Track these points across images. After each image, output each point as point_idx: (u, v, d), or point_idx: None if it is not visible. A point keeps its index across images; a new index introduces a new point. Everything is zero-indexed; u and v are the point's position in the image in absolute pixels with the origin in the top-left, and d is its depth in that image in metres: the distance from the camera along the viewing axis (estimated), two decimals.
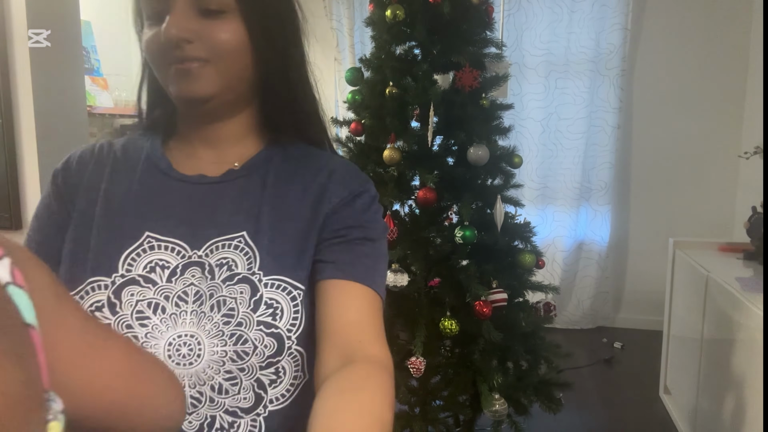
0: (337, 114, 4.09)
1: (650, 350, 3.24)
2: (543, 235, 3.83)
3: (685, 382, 2.43)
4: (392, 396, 0.60)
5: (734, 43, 3.54)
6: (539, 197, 3.87)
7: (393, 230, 1.77)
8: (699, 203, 3.71)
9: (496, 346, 1.82)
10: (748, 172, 3.46)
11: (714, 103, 3.62)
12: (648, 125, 3.76)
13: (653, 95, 3.72)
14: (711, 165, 3.67)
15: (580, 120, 3.73)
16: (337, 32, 4.01)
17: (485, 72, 1.96)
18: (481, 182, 1.96)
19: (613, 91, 3.65)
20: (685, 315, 2.50)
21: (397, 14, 1.82)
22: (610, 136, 3.69)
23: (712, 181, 3.68)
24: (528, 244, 2.00)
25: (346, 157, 2.01)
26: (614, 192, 3.77)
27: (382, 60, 1.91)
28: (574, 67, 3.70)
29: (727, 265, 2.29)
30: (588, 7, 3.62)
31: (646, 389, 2.90)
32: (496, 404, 1.74)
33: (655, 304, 3.30)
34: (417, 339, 1.74)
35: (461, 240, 1.79)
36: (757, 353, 1.68)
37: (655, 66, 3.69)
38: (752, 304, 1.76)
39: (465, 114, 1.86)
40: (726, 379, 1.96)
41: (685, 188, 3.73)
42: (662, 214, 3.78)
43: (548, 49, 3.72)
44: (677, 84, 3.66)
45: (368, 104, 1.91)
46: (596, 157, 3.76)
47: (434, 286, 1.90)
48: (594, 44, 3.65)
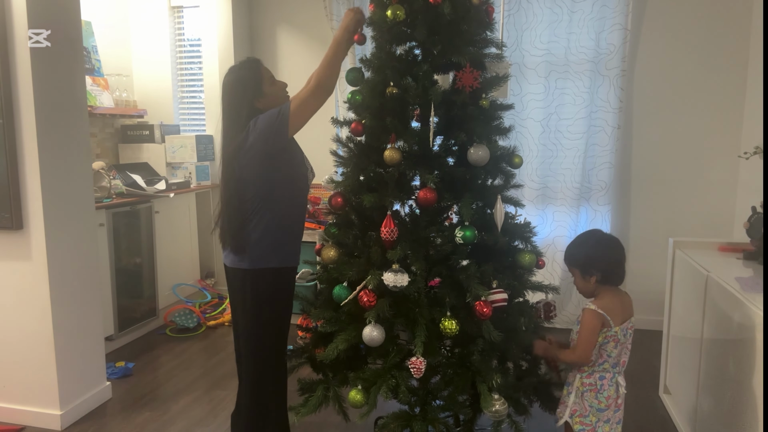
0: (338, 114, 4.10)
1: (650, 350, 3.24)
2: (543, 235, 3.84)
3: (685, 382, 2.43)
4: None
5: (734, 43, 3.54)
6: (539, 197, 3.87)
7: (393, 230, 1.77)
8: (699, 203, 3.72)
9: (495, 346, 1.82)
10: (748, 172, 3.46)
11: (714, 103, 3.62)
12: (648, 125, 3.76)
13: (653, 95, 3.72)
14: (711, 165, 3.67)
15: (580, 120, 3.73)
16: None
17: (485, 72, 1.96)
18: (482, 182, 1.96)
19: (613, 91, 3.65)
20: (685, 315, 2.50)
21: (398, 14, 1.83)
22: (610, 136, 3.70)
23: (712, 181, 3.68)
24: (528, 244, 2.01)
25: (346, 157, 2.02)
26: (614, 192, 3.77)
27: (382, 60, 1.91)
28: (574, 68, 3.71)
29: (727, 265, 2.29)
30: (588, 7, 3.63)
31: (646, 389, 2.91)
32: (496, 404, 1.74)
33: (655, 304, 3.30)
34: (417, 339, 1.74)
35: (461, 240, 1.79)
36: (757, 353, 1.68)
37: (655, 66, 3.69)
38: (752, 304, 1.76)
39: (465, 114, 1.86)
40: (726, 379, 1.96)
41: (685, 188, 3.74)
42: (662, 214, 3.79)
43: (548, 49, 3.72)
44: (677, 84, 3.67)
45: (369, 104, 1.92)
46: (596, 157, 3.76)
47: (434, 286, 1.91)
48: (594, 44, 3.65)
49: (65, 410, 2.57)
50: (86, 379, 2.72)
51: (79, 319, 2.65)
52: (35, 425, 2.56)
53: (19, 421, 2.58)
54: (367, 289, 1.77)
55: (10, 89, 2.36)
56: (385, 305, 1.75)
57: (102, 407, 2.76)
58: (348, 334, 1.84)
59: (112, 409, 2.75)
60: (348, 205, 1.98)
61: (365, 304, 1.75)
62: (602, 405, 1.81)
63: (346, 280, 1.86)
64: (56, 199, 2.49)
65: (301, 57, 4.28)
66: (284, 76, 4.32)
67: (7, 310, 2.54)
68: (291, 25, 4.28)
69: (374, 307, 1.74)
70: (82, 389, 2.68)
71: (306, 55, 4.26)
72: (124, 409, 2.73)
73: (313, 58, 4.25)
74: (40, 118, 2.39)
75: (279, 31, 4.32)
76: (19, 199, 2.43)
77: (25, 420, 2.58)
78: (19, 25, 2.33)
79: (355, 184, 1.96)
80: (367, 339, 1.74)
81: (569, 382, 1.86)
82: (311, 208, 3.99)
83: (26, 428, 2.56)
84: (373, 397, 1.78)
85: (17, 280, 2.50)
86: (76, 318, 2.63)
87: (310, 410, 1.95)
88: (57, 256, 2.50)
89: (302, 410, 1.97)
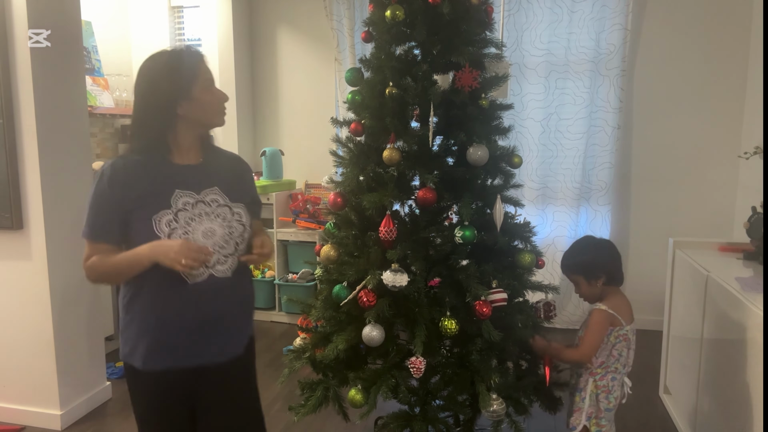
0: (338, 114, 4.10)
1: (650, 350, 3.24)
2: (543, 235, 3.84)
3: (685, 382, 2.43)
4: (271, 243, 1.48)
5: (734, 44, 3.54)
6: (539, 197, 3.87)
7: (392, 230, 1.77)
8: (699, 203, 3.71)
9: (495, 346, 1.82)
10: (748, 172, 3.46)
11: (714, 103, 3.62)
12: (648, 125, 3.76)
13: (653, 95, 3.72)
14: (711, 165, 3.67)
15: (580, 120, 3.73)
16: (337, 32, 4.02)
17: (485, 72, 1.96)
18: (481, 182, 1.96)
19: (613, 91, 3.65)
20: (685, 315, 2.50)
21: (397, 15, 1.82)
22: (610, 136, 3.70)
23: (712, 181, 3.68)
24: (528, 244, 2.01)
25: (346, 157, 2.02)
26: (614, 192, 3.77)
27: (382, 60, 1.91)
28: (574, 68, 3.71)
29: (727, 265, 2.29)
30: (588, 7, 3.63)
31: (646, 389, 2.91)
32: (494, 404, 1.74)
33: (655, 304, 3.30)
34: (417, 339, 1.74)
35: (461, 240, 1.79)
36: (757, 353, 1.68)
37: (655, 66, 3.69)
38: (752, 304, 1.76)
39: (465, 114, 1.86)
40: (726, 379, 1.96)
41: (685, 188, 3.74)
42: (662, 214, 3.79)
43: (548, 49, 3.72)
44: (677, 84, 3.67)
45: (368, 104, 1.91)
46: (596, 157, 3.76)
47: (434, 286, 1.90)
48: (594, 44, 3.65)
49: (65, 410, 2.57)
50: (86, 379, 2.72)
51: (79, 319, 2.65)
52: (35, 425, 2.56)
53: (19, 421, 2.59)
54: (366, 289, 1.77)
55: (10, 89, 2.36)
56: (384, 305, 1.75)
57: (102, 407, 2.76)
58: (348, 334, 1.84)
59: (112, 409, 2.75)
60: (348, 205, 1.97)
61: (365, 304, 1.75)
62: (610, 405, 1.84)
63: (346, 280, 1.86)
64: (56, 199, 2.49)
65: (301, 57, 4.28)
66: (284, 75, 4.32)
67: (7, 310, 2.54)
68: (291, 25, 4.28)
69: (374, 307, 1.75)
70: (82, 389, 2.68)
71: (306, 55, 4.26)
72: (124, 409, 2.73)
73: (313, 58, 4.25)
74: (40, 118, 2.39)
75: (279, 31, 4.32)
76: (19, 199, 2.43)
77: (25, 420, 2.58)
78: (19, 25, 2.33)
79: (354, 184, 1.96)
80: (366, 339, 1.74)
81: (580, 387, 1.88)
82: (311, 209, 3.99)
83: (26, 428, 2.56)
84: (373, 397, 1.78)
85: (17, 280, 2.50)
86: (76, 318, 2.63)
87: (310, 410, 1.95)
88: (57, 256, 2.50)
89: (302, 410, 1.97)
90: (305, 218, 3.95)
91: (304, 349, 2.14)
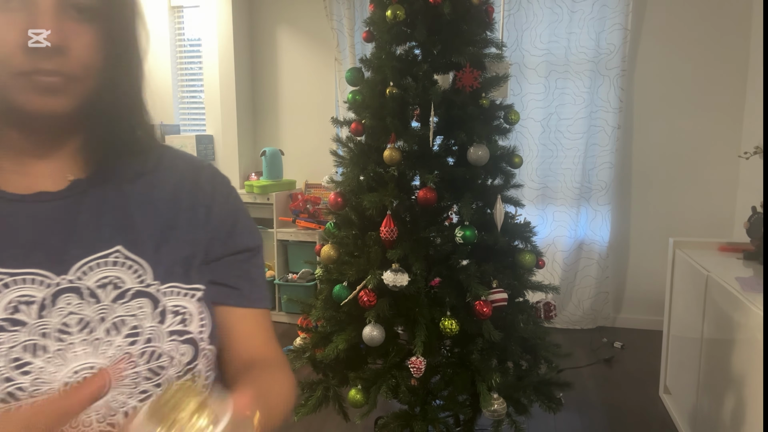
0: (338, 114, 4.10)
1: (650, 350, 3.24)
2: (543, 235, 3.83)
3: (685, 382, 2.43)
4: (294, 387, 0.72)
5: (734, 44, 3.54)
6: (539, 197, 3.87)
7: (393, 230, 1.77)
8: (699, 203, 3.71)
9: (495, 346, 1.82)
10: (748, 172, 3.46)
11: (714, 103, 3.62)
12: (648, 125, 3.76)
13: (653, 95, 3.72)
14: (711, 165, 3.67)
15: (580, 120, 3.73)
16: (337, 32, 4.02)
17: (485, 72, 1.96)
18: (482, 182, 1.96)
19: (613, 91, 3.65)
20: (685, 315, 2.50)
21: (398, 14, 1.83)
22: (610, 136, 3.70)
23: (712, 181, 3.68)
24: (528, 244, 2.01)
25: (346, 157, 2.01)
26: (614, 192, 3.77)
27: (382, 60, 1.91)
28: (574, 67, 3.71)
29: (727, 265, 2.29)
30: (588, 7, 3.63)
31: (646, 389, 2.91)
32: (495, 404, 1.74)
33: (655, 304, 3.31)
34: (417, 339, 1.74)
35: (461, 240, 1.79)
36: (757, 353, 1.68)
37: (655, 66, 3.69)
38: (752, 304, 1.76)
39: (465, 114, 1.86)
40: (726, 379, 1.96)
41: (685, 188, 3.74)
42: (662, 214, 3.79)
43: (548, 49, 3.72)
44: (677, 84, 3.67)
45: (368, 104, 1.92)
46: (596, 157, 3.76)
47: (434, 286, 1.91)
48: (594, 44, 3.65)
49: None
50: None
51: None
52: None
53: None
54: (367, 288, 1.77)
55: None
56: (385, 305, 1.75)
57: None
58: (348, 334, 1.84)
59: None
60: (348, 204, 1.98)
61: (365, 303, 1.75)
62: None
63: (346, 280, 1.86)
64: None
65: (301, 57, 4.28)
66: (284, 75, 4.32)
67: None
68: (291, 25, 4.28)
69: (374, 307, 1.75)
70: None
71: (306, 55, 4.26)
72: None
73: (313, 58, 4.25)
74: None
75: (279, 31, 4.31)
76: None
77: None
78: None
79: (355, 184, 1.96)
80: (367, 339, 1.74)
81: None
82: (311, 208, 3.99)
83: None
84: (373, 397, 1.78)
85: None
86: None
87: (309, 410, 1.95)
88: None
89: (302, 410, 1.97)
90: (305, 218, 3.96)
91: (305, 349, 2.14)
